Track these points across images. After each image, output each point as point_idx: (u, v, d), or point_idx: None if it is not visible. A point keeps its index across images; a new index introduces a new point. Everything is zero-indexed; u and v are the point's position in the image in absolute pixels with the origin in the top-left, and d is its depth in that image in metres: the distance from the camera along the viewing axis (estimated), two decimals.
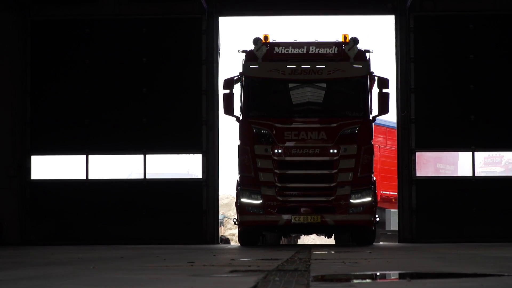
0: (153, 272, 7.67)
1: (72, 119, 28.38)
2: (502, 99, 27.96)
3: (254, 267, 8.11)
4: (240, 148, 23.59)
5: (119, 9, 28.53)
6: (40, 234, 28.30)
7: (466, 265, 8.64)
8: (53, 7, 28.61)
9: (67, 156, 28.68)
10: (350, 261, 9.76)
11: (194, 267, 8.60)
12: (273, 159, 22.85)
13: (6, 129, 28.35)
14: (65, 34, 28.65)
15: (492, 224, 27.64)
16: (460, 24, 28.07)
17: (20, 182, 28.38)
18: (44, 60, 28.61)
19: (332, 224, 23.14)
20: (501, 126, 27.91)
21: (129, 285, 5.66)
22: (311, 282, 5.80)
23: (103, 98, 28.38)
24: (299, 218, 22.80)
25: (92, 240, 27.20)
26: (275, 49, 23.67)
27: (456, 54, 28.00)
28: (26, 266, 8.96)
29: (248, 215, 23.19)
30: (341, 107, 24.17)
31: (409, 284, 5.79)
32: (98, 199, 28.19)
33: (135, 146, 28.20)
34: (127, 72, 28.39)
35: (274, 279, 6.07)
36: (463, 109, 27.84)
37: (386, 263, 9.21)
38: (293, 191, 23.32)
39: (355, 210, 22.95)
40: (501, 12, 28.19)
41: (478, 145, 27.93)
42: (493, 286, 5.37)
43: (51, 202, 28.37)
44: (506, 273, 6.84)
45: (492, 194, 27.82)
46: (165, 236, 27.44)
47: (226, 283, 5.80)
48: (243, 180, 23.56)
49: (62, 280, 6.24)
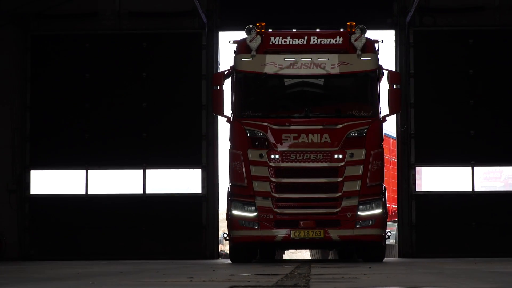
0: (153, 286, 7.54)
1: (72, 134, 28.41)
2: (502, 114, 28.00)
3: (253, 282, 8.00)
4: (232, 153, 20.75)
5: (120, 23, 28.57)
6: (40, 249, 28.28)
7: (465, 280, 8.55)
8: (54, 22, 28.62)
9: (67, 171, 28.64)
10: (349, 277, 9.64)
11: (193, 282, 8.50)
12: (269, 165, 20.04)
13: (5, 143, 28.40)
14: (65, 48, 28.71)
15: (492, 239, 27.64)
16: (459, 39, 28.11)
17: (20, 197, 28.39)
18: (44, 75, 28.65)
19: (337, 239, 20.17)
20: (501, 142, 27.95)
21: None
22: None
23: (103, 112, 28.40)
24: (300, 233, 19.88)
25: (91, 255, 27.15)
26: (271, 40, 20.55)
27: (455, 69, 28.02)
28: (26, 281, 8.87)
29: (240, 230, 20.28)
30: (347, 106, 21.17)
31: None
32: (97, 214, 28.20)
33: (135, 161, 28.19)
34: (127, 87, 28.43)
35: None
36: (463, 124, 27.87)
37: (386, 278, 9.11)
38: (292, 202, 20.23)
39: (363, 224, 20.10)
40: (501, 28, 28.30)
41: (477, 161, 27.94)
42: None
43: (50, 217, 28.38)
44: None
45: (492, 209, 27.86)
46: (165, 251, 27.38)
47: None
48: (234, 190, 20.64)
49: None
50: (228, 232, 20.92)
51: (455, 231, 27.66)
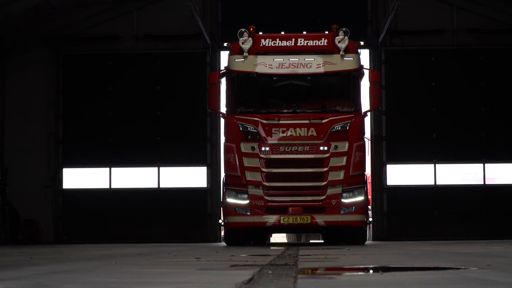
0: (166, 266, 7.70)
1: (97, 137, 28.44)
2: (460, 119, 28.06)
3: (250, 262, 8.15)
4: (226, 146, 19.56)
5: (137, 45, 28.66)
6: (71, 234, 28.32)
7: (429, 260, 8.68)
8: (82, 44, 28.69)
9: (93, 169, 28.70)
10: (331, 257, 9.78)
11: (200, 262, 8.63)
12: (260, 157, 18.78)
13: (42, 146, 28.44)
14: (91, 66, 28.71)
15: (451, 225, 27.74)
16: (423, 56, 28.24)
17: (54, 191, 28.43)
18: (74, 88, 28.67)
19: (322, 224, 18.93)
20: (459, 143, 28.03)
21: (144, 277, 5.72)
22: (298, 275, 5.85)
23: (124, 119, 28.44)
24: (288, 219, 18.69)
25: (114, 239, 27.22)
26: (261, 42, 19.21)
27: (420, 82, 28.12)
28: (59, 262, 8.98)
29: (234, 216, 19.08)
30: (331, 102, 19.74)
31: (381, 276, 5.83)
32: (119, 205, 28.21)
33: (150, 160, 28.24)
34: (144, 98, 28.46)
35: (267, 272, 6.12)
36: (427, 128, 27.98)
37: (362, 258, 9.24)
38: (281, 190, 19.00)
39: (346, 210, 18.88)
40: (458, 47, 28.39)
41: (439, 159, 28.01)
42: (452, 277, 5.43)
43: (79, 207, 28.40)
44: (463, 267, 6.89)
45: (451, 200, 27.91)
46: (176, 236, 27.44)
47: (228, 275, 5.85)
48: (228, 179, 19.43)
49: (88, 274, 6.29)
50: (223, 218, 19.85)
51: (420, 218, 27.78)
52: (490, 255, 9.97)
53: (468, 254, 10.38)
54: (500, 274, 5.73)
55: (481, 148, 28.03)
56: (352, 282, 5.10)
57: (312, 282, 5.21)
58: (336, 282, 5.13)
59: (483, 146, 28.03)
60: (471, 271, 6.23)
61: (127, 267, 7.49)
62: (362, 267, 7.41)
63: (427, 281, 5.09)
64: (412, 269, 6.78)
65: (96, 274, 6.20)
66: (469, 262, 7.71)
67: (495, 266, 6.98)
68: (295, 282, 5.05)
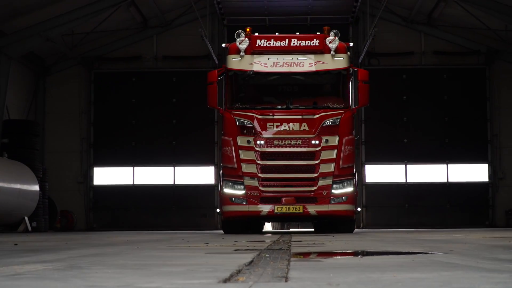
0: (179, 250, 7.68)
1: (122, 142, 28.50)
2: (427, 127, 28.17)
3: (251, 247, 8.12)
4: (223, 139, 17.80)
5: (156, 64, 28.74)
6: (100, 223, 28.39)
7: (401, 245, 8.66)
8: (110, 63, 28.77)
9: (119, 168, 28.71)
10: (319, 242, 9.76)
11: (209, 246, 8.60)
12: (256, 150, 17.07)
13: (75, 149, 28.50)
14: (118, 81, 28.77)
15: (420, 216, 27.80)
16: (396, 75, 28.29)
17: (86, 186, 28.49)
18: (103, 100, 28.75)
19: (314, 214, 17.22)
20: (426, 147, 28.09)
21: (162, 260, 5.69)
22: (291, 258, 5.83)
23: (145, 126, 28.49)
24: (282, 208, 17.05)
25: (136, 227, 27.21)
26: (257, 42, 17.56)
27: (393, 95, 28.18)
28: (89, 246, 8.97)
29: (231, 206, 17.42)
30: (323, 99, 17.95)
31: (361, 259, 5.80)
32: (140, 199, 28.26)
33: (167, 160, 28.28)
34: (162, 109, 28.50)
35: (265, 256, 6.09)
36: (399, 135, 28.04)
37: (344, 244, 9.22)
38: (275, 181, 17.25)
39: (336, 201, 17.19)
40: (425, 66, 28.51)
41: (409, 160, 28.05)
42: (421, 260, 5.41)
43: (107, 200, 28.44)
44: (430, 251, 6.88)
45: (420, 195, 28.01)
46: (188, 224, 27.46)
47: (232, 258, 5.82)
48: (226, 171, 17.65)
49: (114, 257, 6.27)
50: (220, 207, 18.30)
51: (393, 210, 27.84)
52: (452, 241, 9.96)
53: (434, 241, 10.36)
54: (461, 258, 5.72)
55: (445, 151, 28.08)
56: (336, 265, 5.07)
57: (302, 264, 5.19)
58: (323, 264, 5.10)
59: (446, 149, 28.09)
60: (437, 255, 6.20)
61: (147, 251, 7.47)
62: (345, 252, 7.38)
63: (400, 264, 5.07)
64: (387, 254, 6.75)
65: (121, 257, 6.18)
66: (434, 248, 7.69)
67: (456, 251, 6.96)
68: (289, 264, 5.02)
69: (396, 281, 3.69)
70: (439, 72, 28.50)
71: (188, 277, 3.98)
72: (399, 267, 4.64)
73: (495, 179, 28.20)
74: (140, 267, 4.85)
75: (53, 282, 3.68)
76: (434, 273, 4.14)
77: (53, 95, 28.59)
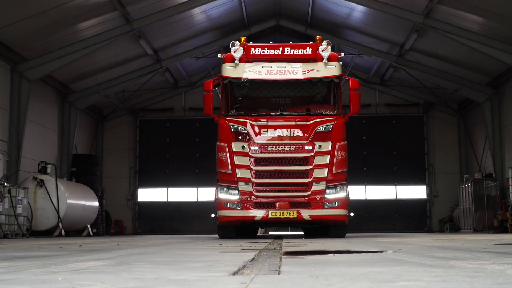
0: (200, 249, 7.59)
1: (159, 170, 28.40)
2: (380, 158, 28.10)
3: (253, 247, 8.02)
4: (218, 145, 14.12)
5: (184, 113, 28.76)
6: (143, 229, 28.18)
7: (363, 246, 8.54)
8: (151, 112, 28.83)
9: (157, 189, 28.60)
10: (302, 244, 9.64)
11: (222, 246, 8.51)
12: (250, 156, 13.45)
13: (125, 175, 28.42)
14: (156, 126, 28.78)
15: (375, 223, 27.61)
16: (359, 121, 28.18)
17: (133, 202, 28.33)
18: (145, 139, 28.72)
19: (308, 219, 13.39)
20: (380, 173, 27.99)
21: (187, 258, 5.61)
22: (282, 255, 5.74)
23: (176, 159, 28.43)
24: (276, 213, 13.35)
25: (169, 232, 27.06)
26: (251, 51, 13.82)
27: (356, 135, 27.96)
28: (135, 247, 8.87)
29: (226, 211, 13.82)
30: (316, 106, 14.23)
31: (333, 256, 5.72)
32: (172, 211, 28.13)
33: (192, 183, 28.19)
34: (188, 146, 28.44)
35: (263, 254, 6.00)
36: (360, 164, 27.86)
37: (321, 245, 9.11)
38: (269, 187, 13.48)
39: (330, 205, 13.45)
40: (379, 114, 28.51)
41: (368, 183, 27.94)
42: (378, 258, 5.33)
43: (148, 213, 28.30)
44: (384, 250, 6.78)
45: (376, 208, 27.86)
46: (207, 230, 27.26)
47: (239, 255, 5.74)
48: (221, 176, 14.01)
49: (153, 255, 6.19)
50: (215, 212, 14.49)
51: (357, 219, 27.48)
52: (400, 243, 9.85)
53: (387, 242, 10.25)
54: (408, 256, 5.64)
55: (394, 176, 28.00)
56: (316, 261, 5.01)
57: (291, 260, 5.12)
58: (306, 260, 5.03)
59: (395, 175, 28.00)
60: (389, 253, 6.13)
61: (177, 250, 7.39)
62: (322, 251, 7.29)
63: (362, 260, 5.00)
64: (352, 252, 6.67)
65: (158, 255, 6.11)
66: (387, 248, 7.61)
67: (404, 250, 6.88)
68: (281, 260, 4.96)
69: (360, 274, 3.63)
70: (389, 118, 28.45)
71: (207, 271, 3.93)
72: (362, 263, 4.58)
73: (431, 197, 28.09)
74: (171, 263, 4.79)
75: (107, 275, 3.63)
76: (388, 268, 4.08)
77: (109, 136, 28.59)
